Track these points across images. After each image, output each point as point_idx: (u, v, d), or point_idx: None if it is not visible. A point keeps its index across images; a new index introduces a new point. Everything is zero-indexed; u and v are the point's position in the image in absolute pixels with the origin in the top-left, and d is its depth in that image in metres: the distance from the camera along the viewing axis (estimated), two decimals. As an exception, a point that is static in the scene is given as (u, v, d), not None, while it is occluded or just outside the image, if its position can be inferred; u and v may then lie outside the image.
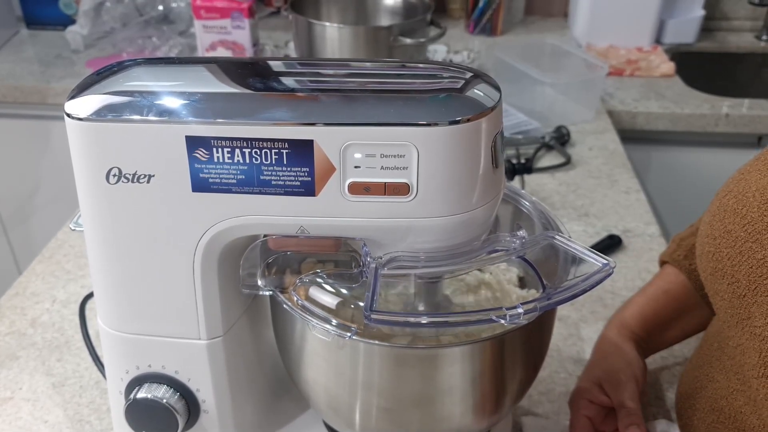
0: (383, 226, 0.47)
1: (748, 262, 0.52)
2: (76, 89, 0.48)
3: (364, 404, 0.54)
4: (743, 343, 0.53)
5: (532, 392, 0.75)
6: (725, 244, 0.55)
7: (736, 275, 0.53)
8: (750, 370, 0.53)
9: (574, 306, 0.88)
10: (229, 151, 0.45)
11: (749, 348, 0.52)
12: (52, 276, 0.95)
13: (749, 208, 0.54)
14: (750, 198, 0.54)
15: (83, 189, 0.49)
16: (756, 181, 0.55)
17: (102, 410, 0.74)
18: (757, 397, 0.52)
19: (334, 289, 0.53)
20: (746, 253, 0.53)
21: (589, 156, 1.26)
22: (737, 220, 0.54)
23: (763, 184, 0.54)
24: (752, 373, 0.52)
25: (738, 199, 0.56)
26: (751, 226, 0.53)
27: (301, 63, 0.53)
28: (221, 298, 0.53)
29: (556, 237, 0.51)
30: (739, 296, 0.53)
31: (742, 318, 0.53)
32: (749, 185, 0.55)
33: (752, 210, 0.53)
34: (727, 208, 0.56)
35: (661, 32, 1.73)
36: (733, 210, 0.55)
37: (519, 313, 0.43)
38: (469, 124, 0.44)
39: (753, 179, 0.56)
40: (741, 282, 0.53)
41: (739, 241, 0.54)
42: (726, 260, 0.55)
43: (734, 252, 0.54)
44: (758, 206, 0.53)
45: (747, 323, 0.52)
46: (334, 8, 1.44)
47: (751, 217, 0.53)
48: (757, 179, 0.55)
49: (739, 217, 0.54)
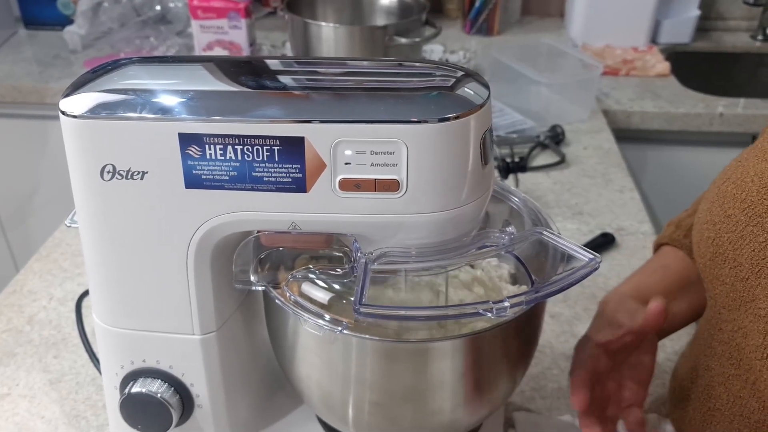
0: (373, 222, 0.48)
1: (750, 245, 0.53)
2: (71, 87, 0.49)
3: (356, 399, 0.54)
4: (746, 326, 0.54)
5: (525, 388, 0.76)
6: (726, 228, 0.56)
7: (738, 259, 0.54)
8: (752, 352, 0.53)
9: (567, 303, 0.89)
10: (221, 148, 0.46)
11: (752, 330, 0.53)
12: (50, 274, 0.95)
13: (748, 192, 0.55)
14: (749, 183, 0.55)
15: (78, 186, 0.50)
16: (754, 166, 0.56)
17: (98, 406, 0.74)
18: (759, 378, 0.53)
19: (326, 285, 0.53)
20: (748, 236, 0.54)
21: (584, 155, 1.27)
22: (737, 205, 0.55)
23: (761, 169, 0.55)
24: (755, 354, 0.53)
25: (737, 185, 0.57)
26: (751, 209, 0.54)
27: (292, 62, 0.54)
28: (214, 294, 0.54)
29: (544, 233, 0.52)
30: (741, 279, 0.54)
31: (746, 301, 0.54)
32: (747, 170, 0.56)
33: (752, 194, 0.55)
34: (726, 194, 0.57)
35: (656, 32, 1.74)
36: (732, 195, 0.56)
37: (505, 306, 0.44)
38: (457, 122, 0.45)
39: (751, 165, 0.57)
40: (744, 265, 0.54)
41: (740, 225, 0.55)
42: (727, 245, 0.56)
43: (735, 236, 0.55)
44: (757, 190, 0.54)
45: (751, 305, 0.53)
46: (330, 8, 1.45)
47: (751, 200, 0.54)
48: (755, 164, 0.56)
49: (739, 201, 0.55)
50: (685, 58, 1.74)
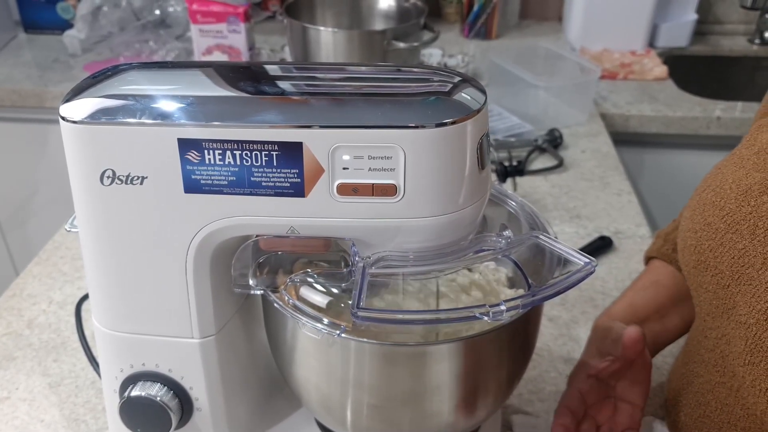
0: (371, 227, 0.48)
1: (729, 252, 0.54)
2: (71, 93, 0.49)
3: (354, 402, 0.55)
4: (728, 333, 0.54)
5: (523, 391, 0.76)
6: (706, 236, 0.56)
7: (719, 266, 0.55)
8: (735, 359, 0.54)
9: (565, 306, 0.89)
10: (220, 153, 0.46)
11: (734, 337, 0.53)
12: (49, 278, 0.96)
13: (727, 200, 0.55)
14: (727, 190, 0.56)
15: (78, 190, 0.50)
16: (732, 173, 0.56)
17: (98, 410, 0.75)
18: (742, 385, 0.53)
19: (325, 289, 0.54)
20: (727, 243, 0.54)
21: (582, 158, 1.27)
22: (716, 212, 0.56)
23: (739, 176, 0.55)
24: (737, 361, 0.53)
25: (716, 192, 0.57)
26: (730, 217, 0.54)
27: (291, 67, 0.54)
28: (213, 298, 0.54)
29: (540, 237, 0.52)
30: (723, 287, 0.54)
31: (728, 308, 0.54)
32: (726, 178, 0.57)
33: (730, 202, 0.55)
34: (706, 202, 0.58)
35: (654, 36, 1.75)
36: (711, 203, 0.57)
37: (501, 310, 0.44)
38: (454, 126, 0.45)
39: (729, 172, 0.57)
40: (724, 273, 0.54)
41: (719, 233, 0.55)
42: (708, 252, 0.56)
43: (715, 244, 0.55)
44: (735, 197, 0.55)
45: (732, 312, 0.54)
46: (329, 12, 1.45)
47: (729, 208, 0.55)
48: (733, 171, 0.56)
49: (718, 209, 0.56)
50: (682, 62, 1.74)
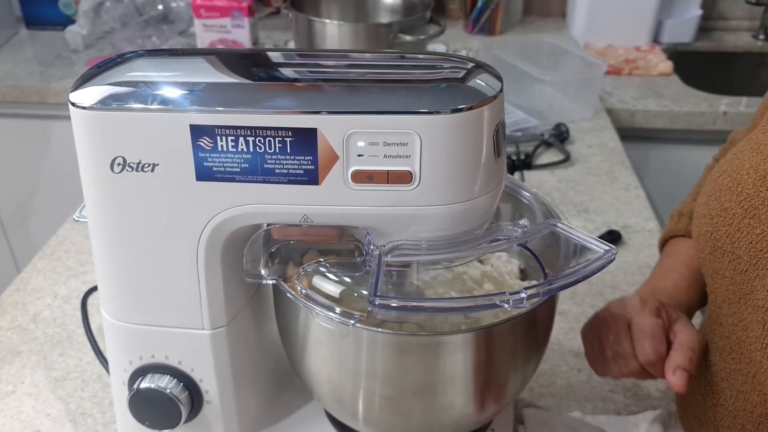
0: (386, 215, 0.47)
1: (747, 237, 0.53)
2: (80, 80, 0.48)
3: (367, 394, 0.54)
4: (745, 318, 0.54)
5: (534, 385, 0.76)
6: (723, 222, 0.56)
7: (737, 252, 0.54)
8: (752, 344, 0.53)
9: (575, 300, 0.88)
10: (233, 139, 0.45)
11: (752, 322, 0.53)
12: (54, 272, 0.95)
13: (744, 185, 0.55)
14: (744, 175, 0.55)
15: (88, 178, 0.49)
16: (749, 158, 0.56)
17: (104, 404, 0.74)
18: (759, 370, 0.53)
19: (338, 278, 0.53)
20: (745, 229, 0.54)
21: (588, 153, 1.27)
22: (733, 198, 0.55)
23: (756, 161, 0.55)
24: (755, 346, 0.53)
25: (733, 178, 0.57)
26: (748, 202, 0.54)
27: (302, 54, 0.53)
28: (225, 288, 0.53)
29: (558, 225, 0.52)
30: (740, 272, 0.54)
31: (745, 293, 0.54)
32: (743, 163, 0.57)
33: (747, 187, 0.55)
34: (723, 187, 0.57)
35: (658, 32, 1.74)
36: (728, 188, 0.56)
37: (522, 297, 0.43)
38: (471, 112, 0.45)
39: (746, 158, 0.57)
40: (742, 258, 0.54)
41: (736, 218, 0.55)
42: (725, 238, 0.55)
43: (733, 229, 0.55)
44: (753, 183, 0.54)
45: (749, 297, 0.53)
46: (334, 6, 1.44)
47: (747, 193, 0.54)
48: (750, 157, 0.56)
49: (735, 194, 0.55)
50: (686, 58, 1.74)
